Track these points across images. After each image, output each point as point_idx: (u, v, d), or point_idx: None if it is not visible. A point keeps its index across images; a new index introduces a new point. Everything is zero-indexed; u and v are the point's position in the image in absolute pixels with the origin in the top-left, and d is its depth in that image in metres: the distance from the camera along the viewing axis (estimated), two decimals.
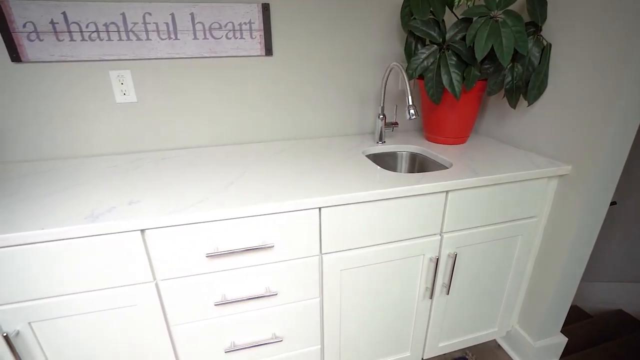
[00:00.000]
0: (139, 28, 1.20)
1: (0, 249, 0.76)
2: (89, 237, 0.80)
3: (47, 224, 0.77)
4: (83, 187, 0.99)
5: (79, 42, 1.18)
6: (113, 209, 0.85)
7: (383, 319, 1.18)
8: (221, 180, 1.02)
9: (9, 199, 0.92)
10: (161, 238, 0.83)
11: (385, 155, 1.40)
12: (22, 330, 0.85)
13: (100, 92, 1.25)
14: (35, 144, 1.26)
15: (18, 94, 1.19)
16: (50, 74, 1.19)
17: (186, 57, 1.27)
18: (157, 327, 0.93)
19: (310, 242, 0.96)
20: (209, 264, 0.89)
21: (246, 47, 1.31)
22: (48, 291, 0.83)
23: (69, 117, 1.25)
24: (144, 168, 1.15)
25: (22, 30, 1.13)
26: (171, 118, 1.33)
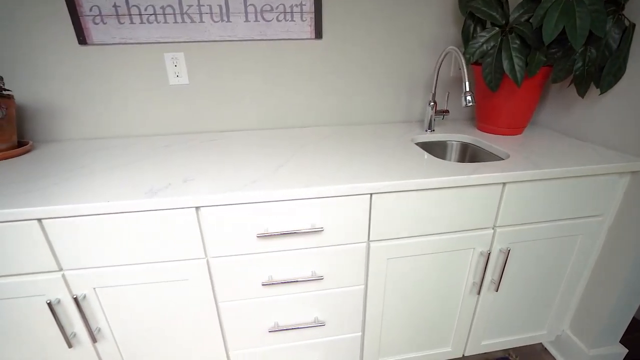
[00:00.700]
0: (193, 10, 1.22)
1: (70, 218, 0.81)
2: (148, 212, 0.83)
3: (111, 197, 0.82)
4: (140, 164, 1.03)
5: (137, 25, 1.22)
6: (169, 185, 0.88)
7: (426, 311, 1.15)
8: (271, 162, 1.02)
9: (76, 172, 0.98)
10: (214, 216, 0.85)
11: (434, 145, 1.35)
12: (88, 294, 0.91)
13: (156, 74, 1.29)
14: (95, 123, 1.33)
15: (82, 75, 1.26)
16: (111, 56, 1.24)
17: (237, 39, 1.28)
18: (205, 302, 0.96)
19: (359, 228, 0.94)
20: (259, 244, 0.91)
21: (296, 30, 1.30)
22: (110, 260, 0.88)
23: (127, 98, 1.31)
24: (195, 148, 1.18)
25: (89, 14, 1.18)
26: (220, 100, 1.36)
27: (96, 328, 0.96)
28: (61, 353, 0.98)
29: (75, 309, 0.92)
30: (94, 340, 0.96)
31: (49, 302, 0.87)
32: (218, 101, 1.36)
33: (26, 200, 0.81)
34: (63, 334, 0.92)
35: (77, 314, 0.93)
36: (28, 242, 0.82)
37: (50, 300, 0.88)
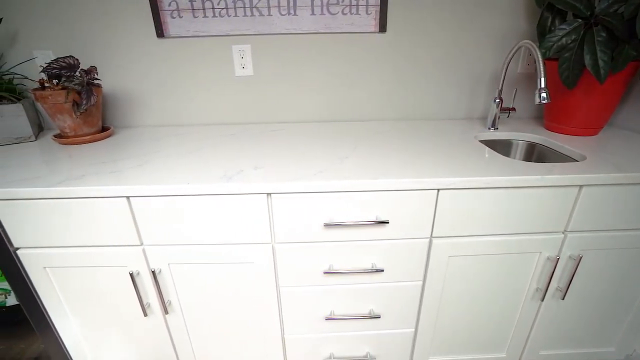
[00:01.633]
0: (262, 4, 1.26)
1: (153, 198, 0.88)
2: (223, 196, 0.88)
3: (189, 180, 0.87)
4: (211, 151, 1.09)
5: (210, 19, 1.28)
6: (242, 172, 0.92)
7: (483, 313, 1.12)
8: (335, 154, 1.04)
9: (154, 155, 1.06)
10: (284, 203, 0.88)
11: (498, 143, 1.29)
12: (163, 269, 0.98)
13: (223, 66, 1.35)
14: (166, 111, 1.42)
15: (158, 66, 1.34)
16: (184, 48, 1.32)
17: (302, 32, 1.31)
18: (268, 286, 1.00)
19: (423, 223, 0.93)
20: (323, 233, 0.93)
21: (360, 23, 1.30)
22: (185, 239, 0.94)
23: (196, 88, 1.38)
24: (260, 138, 1.22)
25: (167, 9, 1.26)
26: (282, 92, 1.39)
27: (167, 301, 1.03)
28: (137, 321, 1.07)
29: (151, 282, 1.00)
30: (166, 311, 1.03)
31: (131, 273, 0.95)
32: (281, 93, 1.39)
33: (116, 179, 0.89)
34: (140, 304, 1.00)
35: (153, 286, 1.00)
36: (117, 217, 0.90)
37: (132, 271, 0.96)
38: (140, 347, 1.13)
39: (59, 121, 1.19)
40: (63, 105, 1.14)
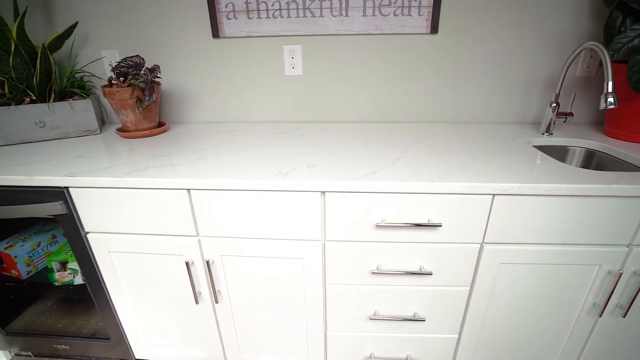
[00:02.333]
0: (315, 5, 1.28)
1: (212, 191, 0.92)
2: (277, 192, 0.90)
3: (245, 176, 0.90)
4: (262, 148, 1.13)
5: (263, 20, 1.31)
6: (295, 169, 0.94)
7: (532, 325, 1.08)
8: (387, 155, 1.04)
9: (210, 151, 1.11)
10: (337, 202, 0.90)
11: (553, 149, 1.24)
12: (216, 260, 1.02)
13: (274, 65, 1.38)
14: (218, 108, 1.47)
15: (211, 65, 1.40)
16: (237, 48, 1.37)
17: (352, 33, 1.31)
18: (314, 282, 1.02)
19: (475, 228, 0.92)
20: (374, 233, 0.93)
21: (411, 25, 1.29)
22: (238, 232, 0.98)
23: (246, 87, 1.43)
24: (307, 137, 1.24)
25: (224, 10, 1.31)
26: (331, 92, 1.41)
27: (218, 290, 1.07)
28: (188, 307, 1.13)
29: (204, 272, 1.04)
30: (216, 301, 1.08)
31: (187, 262, 1.00)
32: (329, 93, 1.41)
33: (178, 172, 0.94)
34: (193, 292, 1.05)
35: (205, 276, 1.05)
36: (177, 208, 0.96)
37: (187, 260, 1.01)
38: (189, 332, 1.19)
39: (123, 116, 1.27)
40: (128, 101, 1.22)
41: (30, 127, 1.26)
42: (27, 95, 1.25)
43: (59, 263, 1.23)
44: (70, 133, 1.33)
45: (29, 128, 1.26)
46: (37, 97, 1.26)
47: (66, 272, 1.23)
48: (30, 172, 0.97)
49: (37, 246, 1.31)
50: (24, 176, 0.95)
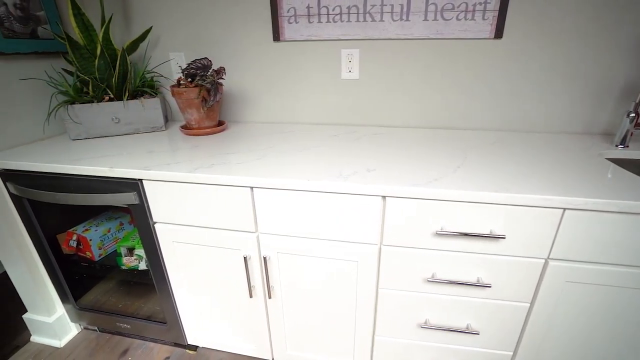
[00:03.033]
0: (375, 10, 1.29)
1: (274, 190, 0.95)
2: (337, 194, 0.92)
3: (306, 177, 0.93)
4: (321, 149, 1.15)
5: (324, 24, 1.34)
6: (356, 173, 0.95)
7: (597, 350, 1.01)
8: (447, 162, 1.02)
9: (269, 150, 1.15)
10: (397, 207, 0.90)
11: (631, 163, 1.16)
12: (272, 256, 1.06)
13: (331, 68, 1.41)
14: (274, 109, 1.52)
15: (270, 67, 1.45)
16: (296, 51, 1.40)
17: (412, 38, 1.31)
18: (367, 285, 1.03)
19: (541, 243, 0.88)
20: (432, 241, 0.92)
21: (474, 29, 1.26)
22: (295, 231, 1.00)
23: (302, 89, 1.46)
24: (363, 140, 1.25)
25: (286, 15, 1.35)
26: (386, 96, 1.41)
27: (271, 286, 1.11)
28: (242, 300, 1.18)
29: (259, 267, 1.09)
30: (269, 296, 1.11)
31: (245, 257, 1.05)
32: (385, 97, 1.41)
33: (241, 170, 0.99)
34: (248, 286, 1.10)
35: (260, 271, 1.09)
36: (239, 205, 1.00)
37: (246, 255, 1.06)
38: (239, 324, 1.24)
39: (188, 114, 1.35)
40: (193, 101, 1.30)
41: (107, 123, 1.37)
42: (107, 93, 1.37)
43: (127, 249, 1.34)
44: (139, 129, 1.43)
45: (107, 123, 1.37)
46: (114, 96, 1.38)
47: (132, 257, 1.33)
48: (111, 164, 1.06)
49: (107, 232, 1.43)
50: (106, 167, 1.05)
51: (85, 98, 1.35)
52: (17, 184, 1.19)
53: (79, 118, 1.33)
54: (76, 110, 1.32)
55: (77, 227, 1.41)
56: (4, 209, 1.26)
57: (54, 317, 1.50)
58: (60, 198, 1.13)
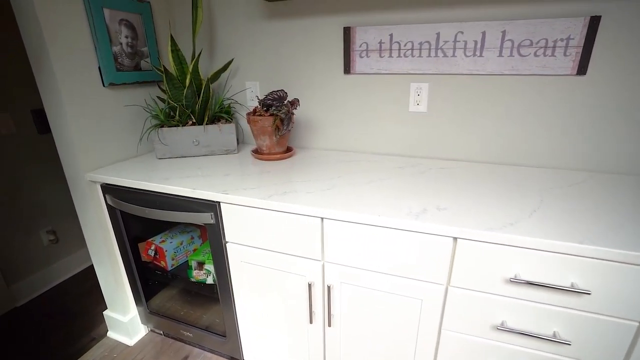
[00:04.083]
0: (448, 46, 1.30)
1: (344, 222, 0.98)
2: (407, 232, 0.93)
3: (375, 212, 0.95)
4: (387, 182, 1.17)
5: (394, 58, 1.38)
6: (426, 210, 0.96)
7: None
8: (521, 204, 0.99)
9: (337, 181, 1.19)
10: (468, 249, 0.88)
11: None
12: (335, 285, 1.08)
13: (399, 100, 1.43)
14: (340, 137, 1.58)
15: (338, 97, 1.51)
16: (365, 83, 1.45)
17: (485, 73, 1.29)
18: (429, 325, 1.01)
19: (633, 303, 0.80)
20: (503, 287, 0.89)
21: (554, 66, 1.21)
22: (361, 263, 1.02)
23: (369, 119, 1.50)
24: (429, 175, 1.25)
25: (358, 49, 1.41)
26: (454, 130, 1.39)
27: (332, 315, 1.13)
28: (301, 325, 1.21)
29: (322, 295, 1.11)
30: (329, 324, 1.13)
31: (309, 283, 1.09)
32: (452, 130, 1.40)
33: (312, 200, 1.04)
34: (309, 312, 1.13)
35: (322, 299, 1.12)
36: (308, 233, 1.05)
37: (310, 282, 1.09)
38: (296, 347, 1.27)
39: (260, 141, 1.45)
40: (267, 129, 1.39)
41: (188, 145, 1.52)
42: (190, 118, 1.52)
43: (197, 263, 1.44)
44: (215, 151, 1.56)
45: (188, 145, 1.52)
46: (196, 120, 1.52)
47: (202, 271, 1.44)
48: (194, 186, 1.17)
49: (180, 244, 1.56)
50: (190, 189, 1.15)
51: (172, 122, 1.51)
52: (114, 196, 1.35)
53: (165, 140, 1.49)
54: (164, 133, 1.48)
55: (155, 237, 1.55)
56: (100, 217, 1.44)
57: (128, 317, 1.65)
58: (148, 213, 1.26)
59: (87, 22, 1.31)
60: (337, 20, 1.41)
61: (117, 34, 1.41)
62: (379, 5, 1.34)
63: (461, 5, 1.25)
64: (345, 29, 1.40)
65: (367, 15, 1.37)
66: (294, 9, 1.46)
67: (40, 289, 2.17)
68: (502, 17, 1.22)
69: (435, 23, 1.29)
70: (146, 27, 1.54)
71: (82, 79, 1.31)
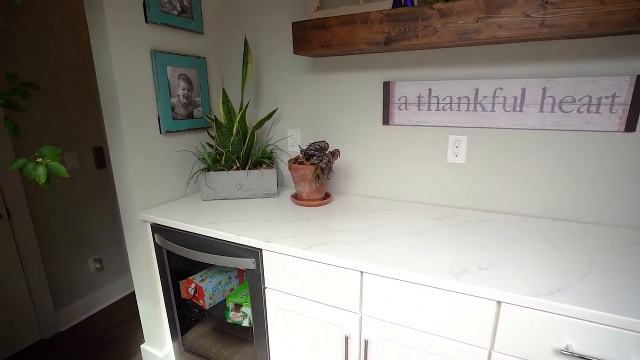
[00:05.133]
0: (487, 101, 1.32)
1: (383, 277, 0.99)
2: (447, 292, 0.92)
3: (414, 268, 0.95)
4: (426, 235, 1.17)
5: (433, 112, 1.42)
6: (467, 270, 0.95)
7: None
8: (568, 268, 0.95)
9: (375, 232, 1.21)
10: (511, 315, 0.86)
11: None
12: (372, 340, 1.07)
13: (436, 152, 1.45)
14: (377, 184, 1.61)
15: (377, 146, 1.56)
16: (403, 134, 1.49)
17: (525, 128, 1.29)
18: None
19: None
20: (552, 357, 0.84)
21: (599, 122, 1.20)
22: (399, 320, 1.01)
23: (407, 168, 1.53)
24: (468, 228, 1.24)
25: (397, 102, 1.47)
26: (493, 182, 1.39)
27: None
28: None
29: (358, 348, 1.10)
30: None
31: (346, 336, 1.08)
32: (491, 182, 1.39)
33: (351, 253, 1.06)
34: None
35: (358, 352, 1.11)
36: (347, 285, 1.06)
37: (347, 334, 1.09)
38: None
39: (300, 187, 1.51)
40: (307, 176, 1.45)
41: (232, 188, 1.61)
42: (235, 163, 1.61)
43: (235, 304, 1.48)
44: (256, 194, 1.63)
45: (231, 188, 1.61)
46: (240, 165, 1.62)
47: (239, 313, 1.47)
48: (237, 231, 1.23)
49: (218, 284, 1.61)
50: (234, 234, 1.21)
51: (218, 166, 1.61)
52: (162, 236, 1.44)
53: (211, 183, 1.59)
54: (210, 177, 1.58)
55: (195, 275, 1.62)
56: (147, 255, 1.53)
57: (164, 353, 1.69)
58: (193, 255, 1.33)
59: (152, 78, 1.47)
60: (377, 75, 1.49)
61: (176, 87, 1.56)
62: (418, 63, 1.41)
63: (500, 63, 1.29)
64: (385, 83, 1.47)
65: (406, 71, 1.44)
66: (336, 65, 1.56)
67: (83, 314, 2.29)
68: (542, 74, 1.24)
69: (474, 79, 1.33)
70: (201, 79, 1.69)
71: (143, 127, 1.45)
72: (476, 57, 1.31)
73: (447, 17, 1.13)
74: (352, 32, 1.27)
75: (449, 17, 1.12)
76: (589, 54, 1.17)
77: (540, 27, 1.03)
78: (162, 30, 1.49)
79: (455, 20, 1.12)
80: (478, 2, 1.08)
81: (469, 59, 1.33)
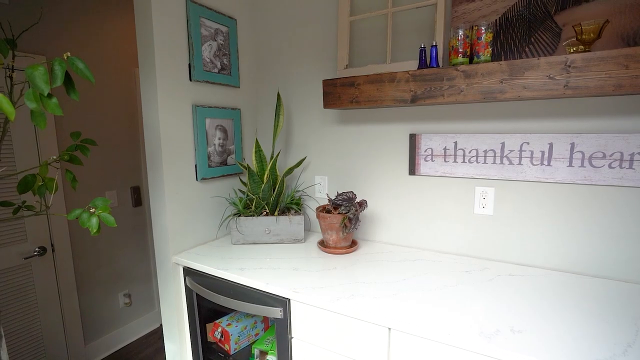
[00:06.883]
0: (513, 155, 1.34)
1: (412, 335, 0.98)
2: (477, 354, 0.90)
3: (444, 328, 0.94)
4: (454, 290, 1.15)
5: (459, 164, 1.44)
6: (498, 332, 0.92)
7: None
8: (610, 335, 0.91)
9: (402, 285, 1.20)
10: None
11: None
12: None
13: (463, 202, 1.46)
14: (403, 232, 1.61)
15: (404, 196, 1.58)
16: (429, 185, 1.52)
17: (554, 182, 1.29)
18: None
19: None
20: None
21: (633, 178, 1.18)
22: None
23: (434, 217, 1.53)
24: (498, 282, 1.21)
25: (423, 154, 1.51)
26: (522, 235, 1.36)
27: None
28: None
29: None
30: None
31: None
32: (520, 235, 1.37)
33: (379, 306, 1.06)
34: None
35: None
36: (374, 340, 1.05)
37: None
38: None
39: (327, 235, 1.54)
40: (334, 225, 1.48)
41: (260, 233, 1.66)
42: (264, 209, 1.68)
43: (260, 351, 1.48)
44: (284, 240, 1.67)
45: (260, 233, 1.66)
46: (269, 211, 1.67)
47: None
48: (266, 279, 1.26)
49: (244, 328, 1.62)
50: (263, 282, 1.25)
51: (249, 212, 1.67)
52: (193, 280, 1.49)
53: (241, 228, 1.65)
54: (241, 222, 1.64)
55: (222, 319, 1.64)
56: (178, 296, 1.57)
57: None
58: (224, 301, 1.36)
59: (192, 129, 1.59)
60: (403, 127, 1.55)
61: (212, 137, 1.68)
62: (444, 117, 1.46)
63: (526, 118, 1.31)
64: (411, 135, 1.52)
65: (431, 124, 1.49)
66: (363, 117, 1.64)
67: (110, 349, 2.33)
68: (569, 130, 1.25)
69: (500, 134, 1.35)
70: (235, 129, 1.81)
71: (181, 175, 1.56)
72: (501, 112, 1.35)
73: (472, 78, 1.18)
74: (379, 90, 1.34)
75: (474, 78, 1.18)
76: (619, 111, 1.18)
77: (565, 88, 1.06)
78: (203, 87, 1.63)
79: (480, 81, 1.17)
80: (501, 64, 1.13)
81: (494, 113, 1.36)
